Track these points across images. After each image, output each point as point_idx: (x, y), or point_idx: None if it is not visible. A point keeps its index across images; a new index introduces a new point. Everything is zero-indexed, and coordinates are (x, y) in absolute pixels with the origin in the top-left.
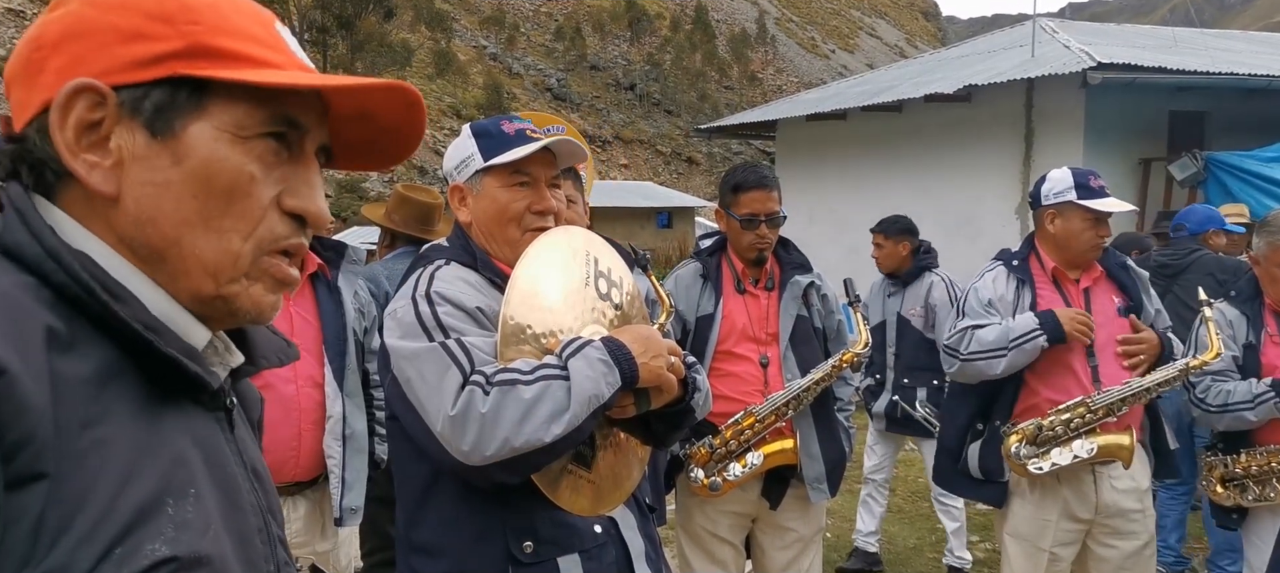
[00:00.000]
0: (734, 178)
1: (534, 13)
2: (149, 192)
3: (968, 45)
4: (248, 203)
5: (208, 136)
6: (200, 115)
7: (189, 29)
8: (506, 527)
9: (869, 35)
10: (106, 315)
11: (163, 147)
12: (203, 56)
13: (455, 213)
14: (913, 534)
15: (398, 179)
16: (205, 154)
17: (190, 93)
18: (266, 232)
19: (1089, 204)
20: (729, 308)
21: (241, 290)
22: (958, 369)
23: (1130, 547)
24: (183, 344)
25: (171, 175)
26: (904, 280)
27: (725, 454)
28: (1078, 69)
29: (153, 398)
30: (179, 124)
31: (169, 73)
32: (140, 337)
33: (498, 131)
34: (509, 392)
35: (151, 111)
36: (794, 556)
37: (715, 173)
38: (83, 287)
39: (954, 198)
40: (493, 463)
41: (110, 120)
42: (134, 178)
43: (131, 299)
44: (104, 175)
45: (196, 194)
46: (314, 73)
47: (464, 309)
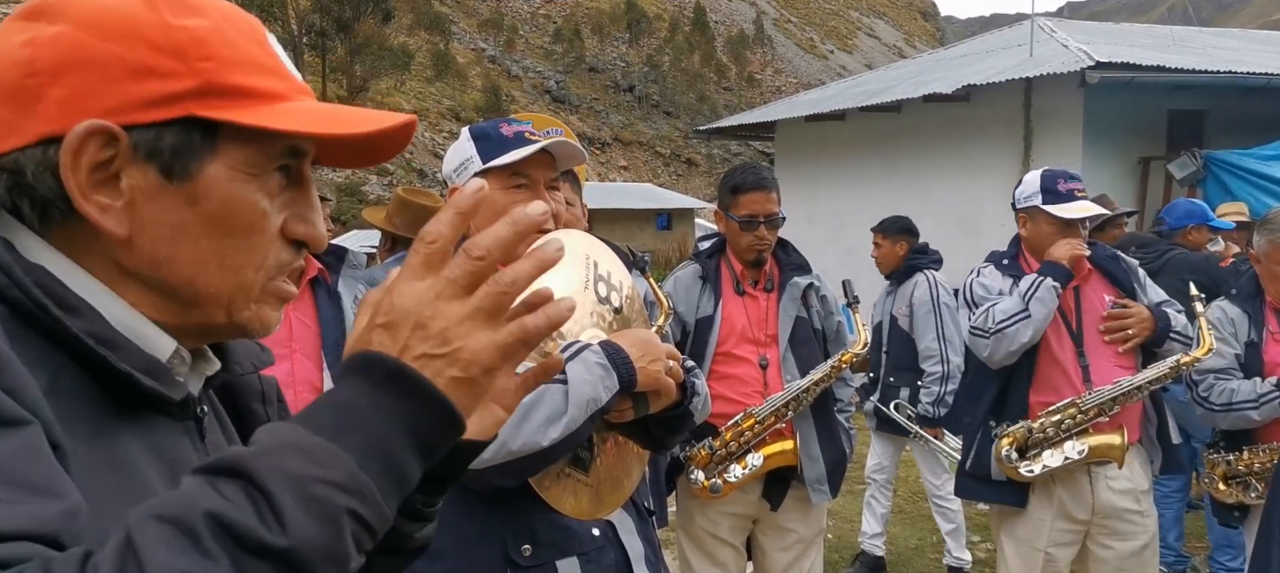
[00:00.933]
0: (733, 179)
1: (532, 15)
2: (163, 233)
3: (966, 45)
4: (259, 237)
5: (223, 178)
6: (214, 157)
7: (202, 67)
8: (505, 530)
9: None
10: (58, 330)
11: (177, 189)
12: (216, 96)
13: None
14: (914, 535)
15: (397, 183)
16: (222, 197)
17: (204, 134)
18: (274, 261)
19: (1052, 209)
20: (728, 310)
21: (252, 315)
22: (991, 349)
23: (1129, 548)
24: (143, 357)
25: (187, 217)
26: (897, 280)
27: (725, 456)
28: (1076, 68)
29: (110, 413)
30: (194, 167)
31: (184, 114)
32: (92, 352)
33: (496, 134)
34: None
35: (168, 155)
36: (795, 557)
37: (714, 174)
38: (34, 303)
39: (953, 198)
40: (490, 466)
41: (121, 160)
42: (147, 219)
43: (88, 312)
44: (117, 218)
45: (212, 235)
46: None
47: None
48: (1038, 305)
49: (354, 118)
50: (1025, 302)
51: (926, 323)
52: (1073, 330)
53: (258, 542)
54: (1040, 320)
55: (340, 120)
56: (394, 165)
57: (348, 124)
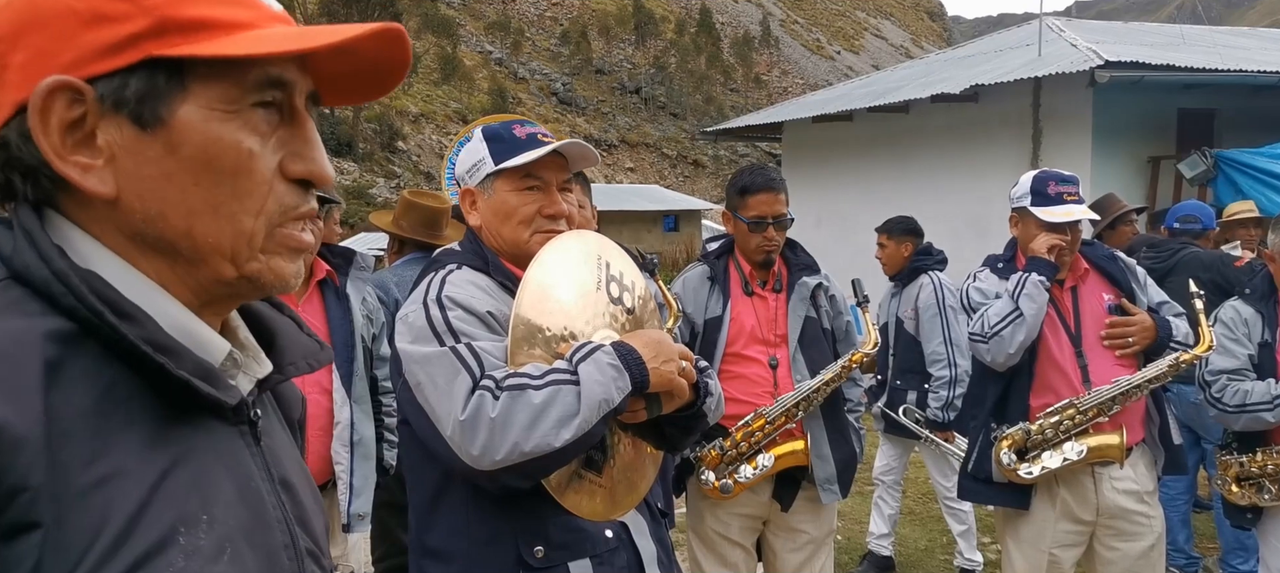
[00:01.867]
0: (741, 181)
1: (539, 18)
2: (149, 186)
3: (974, 45)
4: (252, 179)
5: (197, 118)
6: (185, 97)
7: (152, 3)
8: (517, 531)
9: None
10: (115, 339)
11: (153, 137)
12: (174, 32)
13: (466, 216)
14: (924, 536)
15: (405, 186)
16: (199, 138)
17: (169, 75)
18: (275, 204)
19: (1038, 212)
20: (737, 310)
21: (262, 267)
22: (992, 353)
23: (1136, 548)
24: (198, 362)
25: (169, 165)
26: (902, 281)
27: (736, 457)
28: (1085, 68)
29: (167, 418)
30: (165, 111)
31: (142, 56)
32: (150, 360)
33: (509, 136)
34: (519, 397)
35: (134, 102)
36: (806, 557)
37: (721, 175)
38: (91, 310)
39: (961, 198)
40: (502, 468)
41: (93, 116)
42: (130, 173)
43: (144, 318)
44: (99, 177)
45: (199, 181)
46: (291, 26)
47: (475, 314)
48: (1027, 302)
49: (322, 32)
50: (1015, 301)
51: (933, 326)
52: (1071, 331)
53: None
54: (1032, 317)
55: (306, 36)
56: (401, 169)
57: (313, 38)
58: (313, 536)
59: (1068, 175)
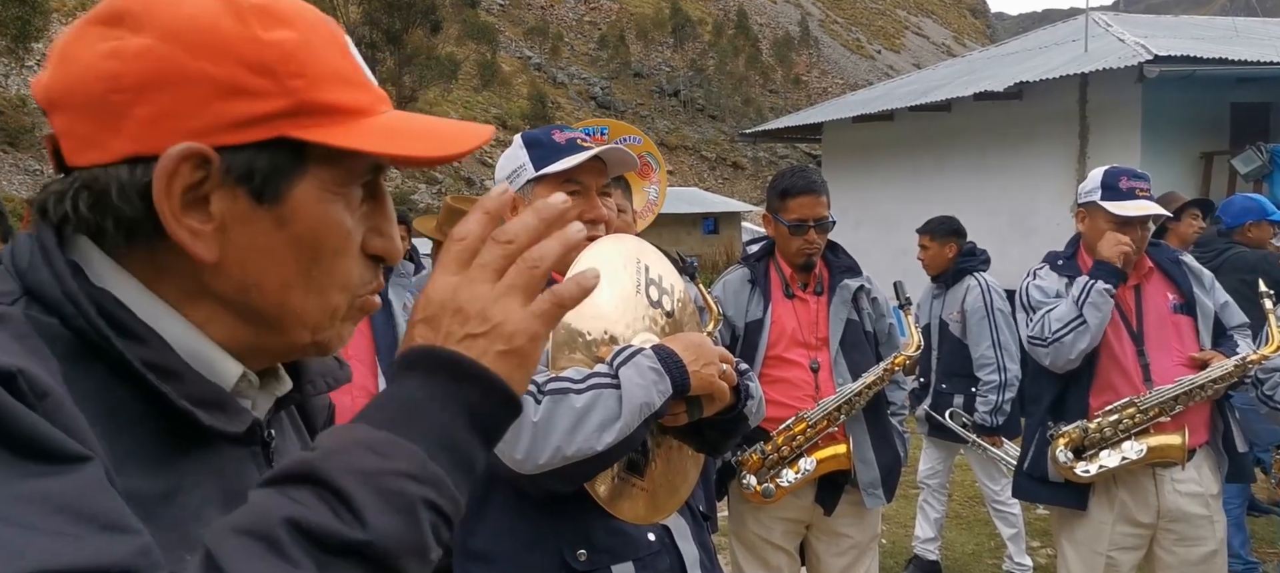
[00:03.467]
0: (782, 183)
1: (577, 22)
2: (253, 257)
3: (1018, 42)
4: (345, 258)
5: (313, 199)
6: (303, 177)
7: (294, 85)
8: (560, 535)
9: (915, 34)
10: (121, 360)
11: (267, 211)
12: (308, 115)
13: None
14: (971, 540)
15: (446, 191)
16: (312, 219)
17: (294, 154)
18: (358, 280)
19: (1110, 207)
20: (778, 313)
21: (335, 334)
22: (1051, 357)
23: (1196, 553)
24: (207, 388)
25: (276, 240)
26: (946, 283)
27: (777, 460)
28: (1134, 63)
29: (172, 443)
30: (284, 188)
31: (276, 134)
32: (154, 387)
33: (549, 141)
34: (561, 401)
35: (259, 178)
36: (850, 562)
37: (761, 177)
38: (96, 331)
39: (1006, 198)
40: (545, 471)
41: (211, 183)
42: (236, 243)
43: (153, 340)
44: (207, 243)
45: (301, 257)
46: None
47: None
48: (1092, 311)
49: (444, 137)
50: (1079, 308)
51: (981, 330)
52: (1133, 330)
53: (339, 540)
54: (1096, 326)
55: (432, 140)
56: (443, 174)
57: (439, 145)
58: None
59: (1139, 172)
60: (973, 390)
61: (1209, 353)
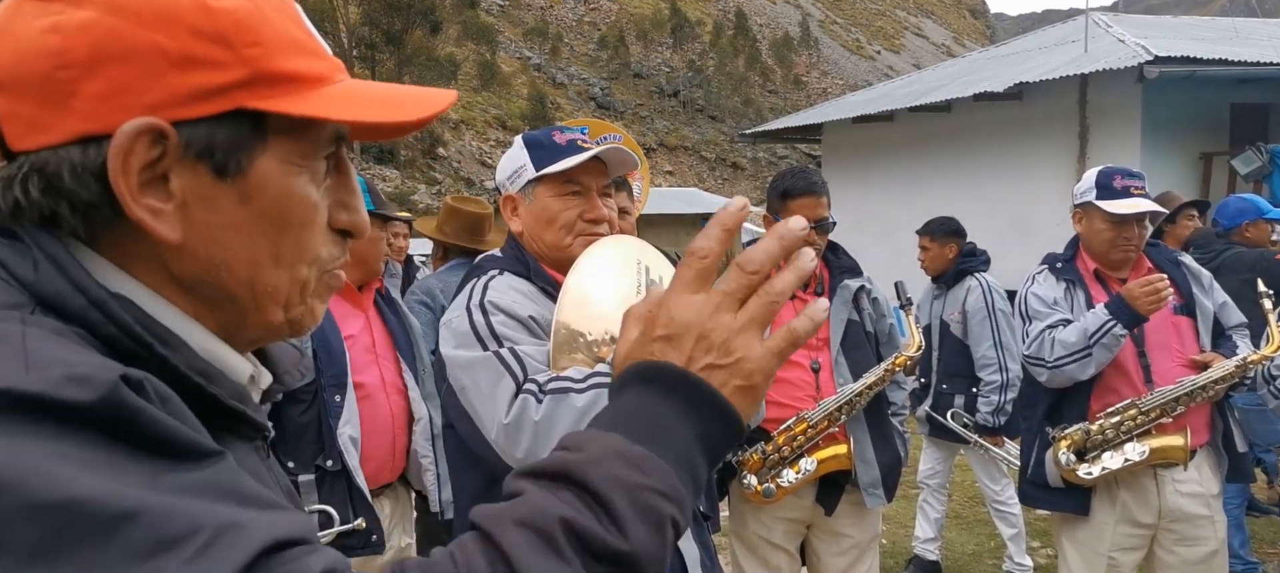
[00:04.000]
0: (783, 184)
1: (577, 23)
2: (219, 235)
3: (1018, 42)
4: (312, 231)
5: (276, 172)
6: (264, 149)
7: (251, 54)
8: None
9: (915, 35)
10: (161, 366)
11: (229, 186)
12: (266, 85)
13: (508, 222)
14: (971, 540)
15: (446, 192)
16: (276, 191)
17: (253, 126)
18: (326, 254)
19: (1105, 205)
20: (779, 314)
21: (306, 310)
22: (1048, 378)
23: (1197, 554)
24: (234, 387)
25: (240, 215)
26: (947, 283)
27: (778, 461)
28: (1133, 63)
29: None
30: (246, 162)
31: (234, 106)
32: (204, 391)
33: (549, 142)
34: (562, 400)
35: (220, 152)
36: (850, 562)
37: (760, 178)
38: (135, 338)
39: (1006, 198)
40: None
41: (170, 159)
42: (200, 222)
43: (180, 345)
44: (169, 222)
45: (267, 232)
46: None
47: (517, 318)
48: (1102, 352)
49: (405, 102)
50: (1088, 343)
51: (982, 330)
52: (1133, 331)
53: (605, 548)
54: (1101, 364)
55: (393, 106)
56: (442, 175)
57: (401, 110)
58: None
59: (1134, 171)
60: (973, 391)
61: (1209, 355)
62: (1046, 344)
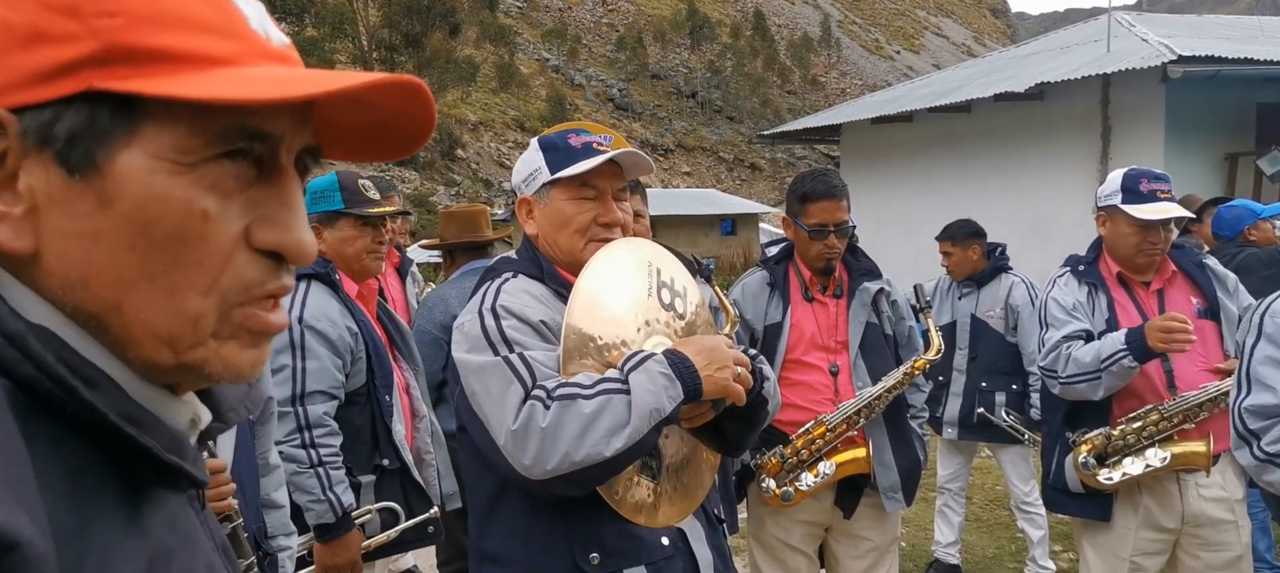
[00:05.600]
0: (802, 187)
1: (595, 24)
2: (74, 245)
3: (1039, 42)
4: (203, 249)
5: (141, 169)
6: (130, 141)
7: (102, 24)
8: (573, 538)
9: (935, 35)
10: (88, 412)
11: (85, 185)
12: (124, 61)
13: (523, 225)
14: (992, 544)
15: (464, 194)
16: (139, 193)
17: (114, 112)
18: (233, 280)
19: (1131, 210)
20: (797, 316)
21: (210, 354)
22: (1060, 391)
23: (1220, 559)
24: (170, 434)
25: (100, 222)
26: (978, 281)
27: (797, 464)
28: (1157, 63)
29: (135, 502)
30: (101, 155)
31: (82, 87)
32: (135, 442)
33: (564, 145)
34: (569, 406)
35: (64, 141)
36: (870, 565)
37: (779, 178)
38: (57, 381)
39: (1027, 199)
40: (554, 477)
41: (15, 154)
42: (53, 228)
43: (106, 384)
44: (14, 228)
45: (134, 246)
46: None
47: (528, 323)
48: (1111, 379)
49: (316, 77)
50: (1100, 367)
51: (1031, 325)
52: None
53: None
54: (1110, 389)
55: (294, 83)
56: (461, 176)
57: (302, 85)
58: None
59: (1160, 173)
60: (1014, 387)
61: (1233, 362)
62: (1062, 359)
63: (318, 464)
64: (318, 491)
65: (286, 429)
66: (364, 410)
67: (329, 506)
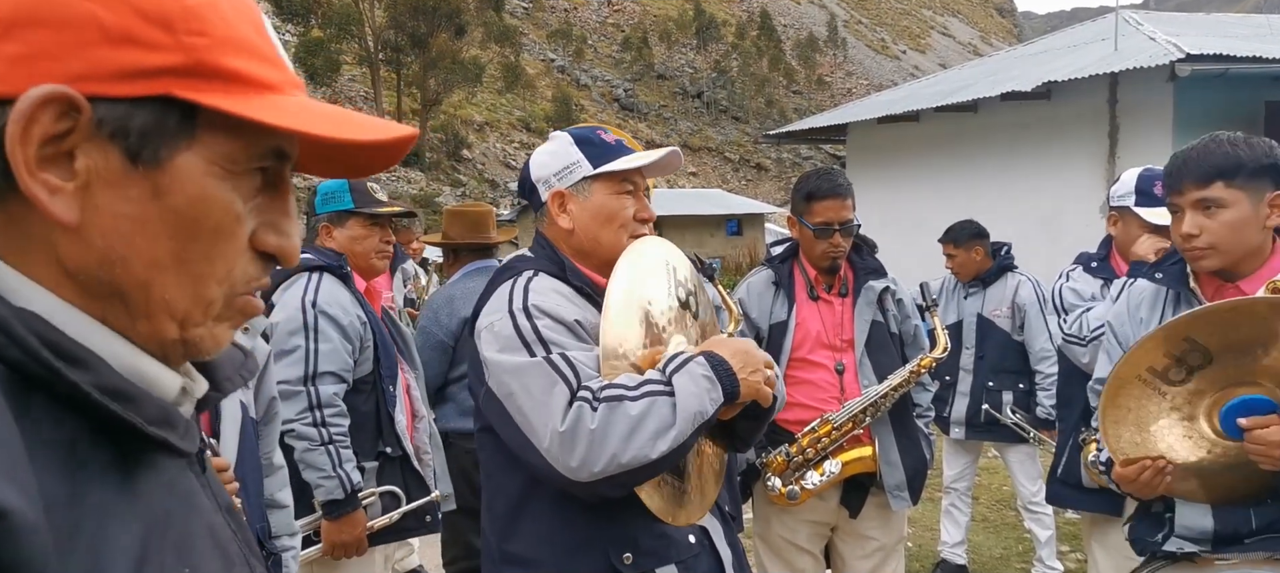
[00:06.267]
0: (808, 186)
1: (600, 25)
2: (120, 226)
3: (1046, 41)
4: (230, 245)
5: (198, 171)
6: (190, 145)
7: (193, 42)
8: (607, 539)
9: (941, 34)
10: (69, 392)
11: (143, 176)
12: (203, 77)
13: (555, 218)
14: (999, 544)
15: (469, 194)
16: (194, 192)
17: (182, 118)
18: (240, 274)
19: (1143, 213)
20: (803, 315)
21: (205, 332)
22: (1089, 356)
23: None
24: (158, 406)
25: (149, 210)
26: (985, 281)
27: (802, 462)
28: (1165, 61)
29: (130, 471)
30: (165, 153)
31: (161, 92)
32: (117, 417)
33: (599, 140)
34: (616, 408)
35: (136, 136)
36: (875, 565)
37: (784, 178)
38: (42, 364)
39: (1034, 198)
40: (601, 479)
41: (79, 136)
42: (102, 207)
43: (95, 362)
44: (67, 202)
45: (176, 235)
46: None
47: (563, 322)
48: None
49: (355, 123)
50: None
51: (1038, 324)
52: None
53: None
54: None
55: (340, 123)
56: (467, 177)
57: (348, 128)
58: (259, 561)
59: None
60: (1021, 386)
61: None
62: (1083, 322)
63: (328, 442)
64: (328, 467)
65: (298, 408)
66: (369, 398)
67: (339, 481)
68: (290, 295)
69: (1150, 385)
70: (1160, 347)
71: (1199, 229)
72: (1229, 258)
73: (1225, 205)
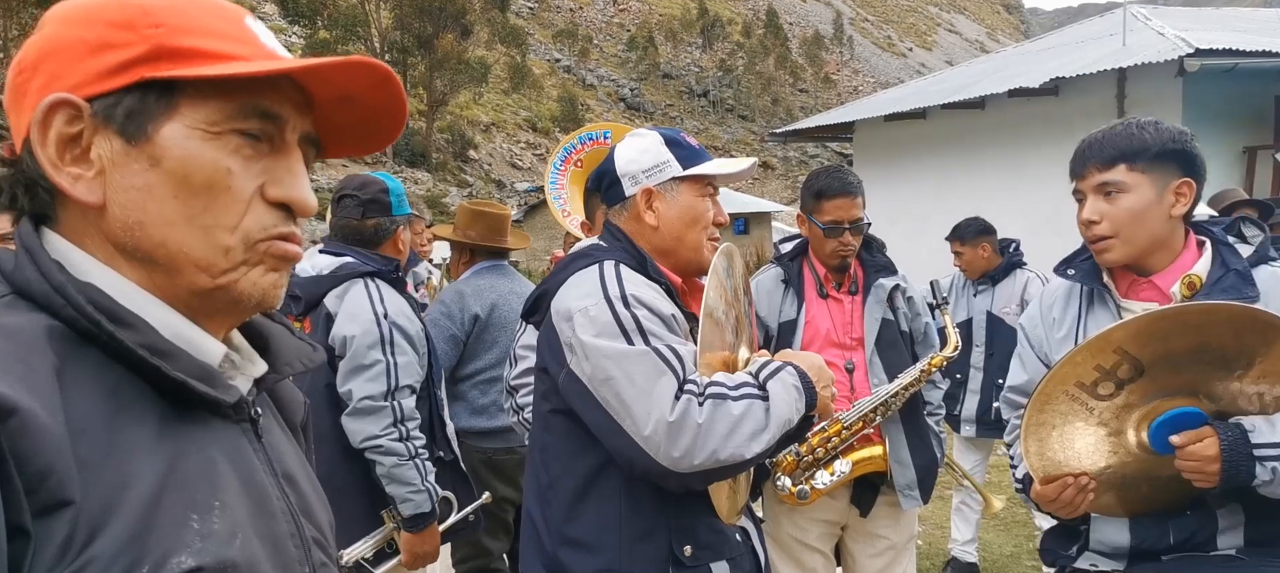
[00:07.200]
0: (817, 184)
1: (606, 24)
2: (132, 196)
3: (1053, 37)
4: (228, 196)
5: (180, 136)
6: (171, 116)
7: (151, 33)
8: (672, 529)
9: (948, 31)
10: (114, 345)
11: (139, 151)
12: (166, 59)
13: (640, 214)
14: (1009, 541)
15: (476, 194)
16: (179, 153)
17: (159, 95)
18: (254, 222)
19: None
20: (812, 313)
21: (239, 277)
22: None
23: None
24: (196, 365)
25: (151, 178)
26: (993, 278)
27: (812, 462)
28: (1173, 56)
29: (172, 417)
30: (151, 127)
31: (137, 78)
32: (147, 363)
33: (686, 143)
34: (720, 405)
35: (124, 118)
36: (886, 564)
37: (791, 177)
38: (90, 320)
39: (1041, 195)
40: (696, 472)
41: (89, 131)
42: (116, 184)
43: (141, 325)
44: (88, 186)
45: (176, 193)
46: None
47: (660, 316)
48: None
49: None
50: None
51: None
52: None
53: None
54: None
55: (302, 64)
56: (473, 177)
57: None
58: (317, 526)
59: None
60: None
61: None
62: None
63: (414, 456)
64: (417, 481)
65: (383, 424)
66: (423, 404)
67: (427, 495)
68: (359, 306)
69: (1077, 401)
70: (1090, 359)
71: (1099, 215)
72: (1133, 248)
73: (1126, 190)
